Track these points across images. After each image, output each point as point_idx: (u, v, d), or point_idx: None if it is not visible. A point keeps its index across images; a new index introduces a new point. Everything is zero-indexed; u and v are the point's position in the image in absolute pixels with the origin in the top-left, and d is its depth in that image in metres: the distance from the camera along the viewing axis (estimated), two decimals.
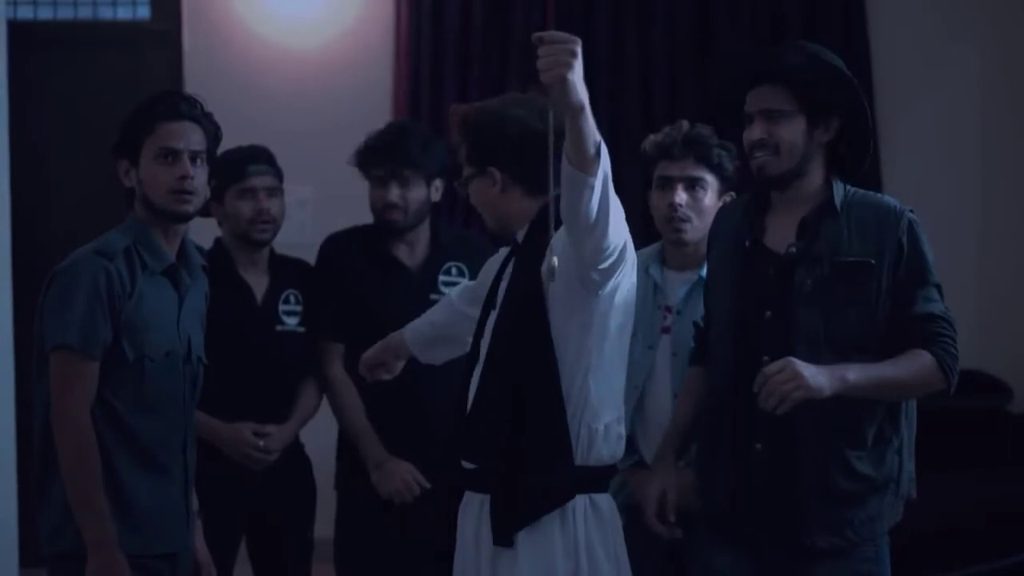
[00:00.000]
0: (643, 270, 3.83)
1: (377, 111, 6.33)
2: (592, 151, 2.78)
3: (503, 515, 3.10)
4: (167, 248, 3.42)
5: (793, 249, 3.23)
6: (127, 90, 6.34)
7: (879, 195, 3.32)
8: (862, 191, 3.30)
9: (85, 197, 6.30)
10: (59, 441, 3.27)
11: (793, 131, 3.22)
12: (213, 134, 3.48)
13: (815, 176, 3.27)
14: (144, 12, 6.68)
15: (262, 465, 4.19)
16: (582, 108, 2.74)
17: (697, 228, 3.79)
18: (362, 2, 6.57)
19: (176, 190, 3.37)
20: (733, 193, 3.87)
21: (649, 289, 3.85)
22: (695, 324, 3.58)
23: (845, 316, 3.17)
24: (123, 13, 6.71)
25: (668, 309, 3.85)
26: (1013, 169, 6.57)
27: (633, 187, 6.18)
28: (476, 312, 3.34)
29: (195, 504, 3.56)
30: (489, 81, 6.38)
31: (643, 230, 5.52)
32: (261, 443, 4.18)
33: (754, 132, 3.24)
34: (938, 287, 3.22)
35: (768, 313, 3.22)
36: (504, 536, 3.10)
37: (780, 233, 3.28)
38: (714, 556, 3.37)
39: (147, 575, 3.35)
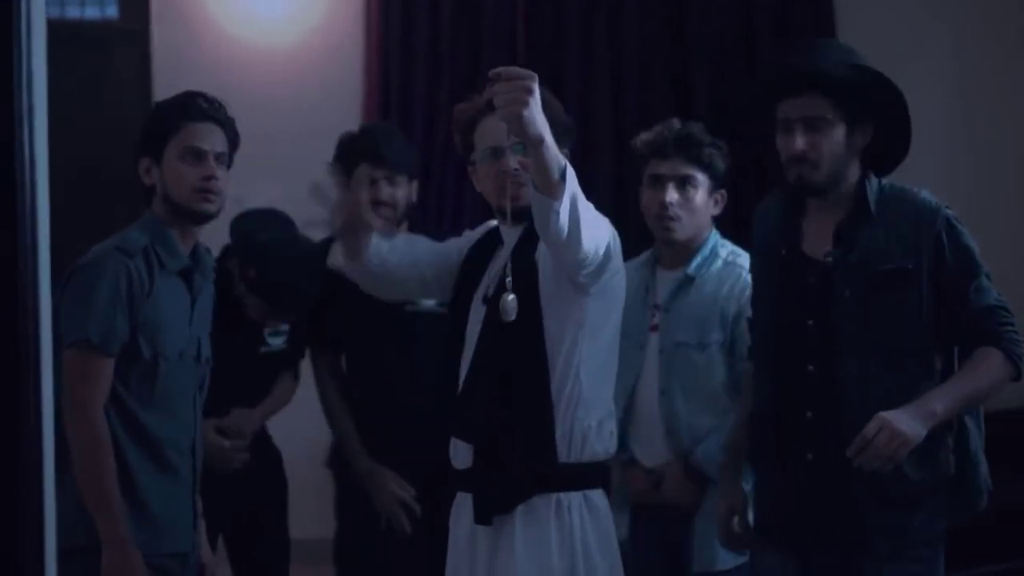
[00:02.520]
0: (635, 271, 3.85)
1: (348, 109, 6.34)
2: (556, 177, 2.81)
3: (486, 495, 3.14)
4: (183, 248, 3.45)
5: (830, 259, 3.21)
6: (96, 89, 6.33)
7: (914, 191, 3.26)
8: (898, 186, 3.27)
9: (54, 196, 6.26)
10: (73, 437, 3.27)
11: (835, 140, 3.19)
12: (233, 138, 3.52)
13: (851, 178, 3.25)
14: (112, 11, 6.66)
15: (234, 463, 4.18)
16: (541, 141, 2.76)
17: (687, 226, 3.82)
18: (332, 0, 6.56)
19: (201, 189, 3.41)
20: (724, 191, 3.89)
21: (640, 289, 3.86)
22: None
23: (889, 324, 3.15)
24: (91, 12, 6.68)
25: (656, 307, 3.87)
26: (984, 167, 6.61)
27: (604, 188, 6.22)
28: (432, 278, 3.41)
29: (199, 505, 3.57)
30: (459, 78, 6.38)
31: (616, 226, 5.59)
32: (227, 443, 4.16)
33: (796, 143, 3.19)
34: (987, 275, 3.21)
35: (811, 322, 3.21)
36: (483, 515, 3.13)
37: (817, 239, 3.26)
38: (758, 560, 3.39)
39: (159, 574, 3.36)
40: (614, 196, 6.16)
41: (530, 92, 2.72)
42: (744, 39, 6.41)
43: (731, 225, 4.07)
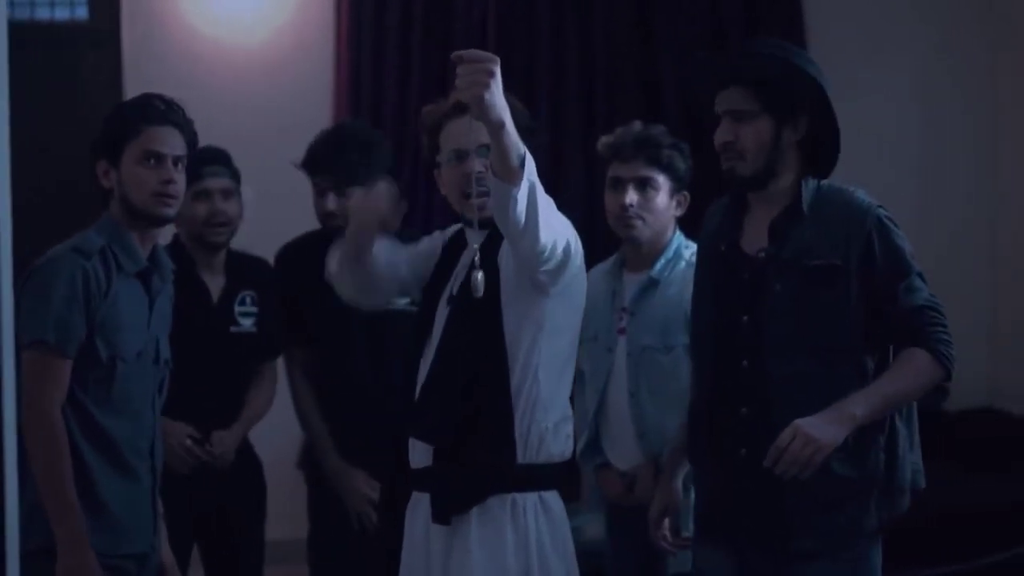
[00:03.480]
0: (603, 275, 3.87)
1: (319, 107, 6.35)
2: (515, 163, 2.84)
3: (445, 494, 3.15)
4: (141, 250, 3.44)
5: (763, 254, 3.22)
6: (66, 91, 6.32)
7: (850, 191, 3.26)
8: (835, 187, 3.27)
9: (24, 198, 6.24)
10: (30, 437, 3.28)
11: (759, 132, 3.19)
12: (191, 140, 3.51)
13: (787, 176, 3.24)
14: (82, 12, 6.63)
15: (218, 465, 4.18)
16: (502, 125, 2.79)
17: (648, 227, 3.84)
18: None
19: (159, 193, 3.41)
20: (687, 192, 3.91)
21: (608, 293, 3.88)
22: (685, 316, 3.59)
23: (817, 319, 3.15)
24: (60, 13, 6.66)
25: (624, 310, 3.89)
26: (950, 168, 6.67)
27: (574, 191, 6.24)
28: (410, 279, 3.40)
29: (160, 507, 3.57)
30: (430, 77, 6.38)
31: (587, 227, 5.61)
32: (195, 448, 4.14)
33: (722, 133, 3.23)
34: (920, 275, 3.20)
35: (745, 318, 3.21)
36: (442, 514, 3.14)
37: (755, 236, 3.27)
38: (698, 556, 3.40)
39: (116, 575, 3.36)
40: (584, 197, 6.18)
41: (491, 75, 2.75)
42: (714, 41, 6.43)
43: (695, 227, 4.09)
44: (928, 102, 6.65)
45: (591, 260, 3.96)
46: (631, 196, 3.82)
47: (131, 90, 6.28)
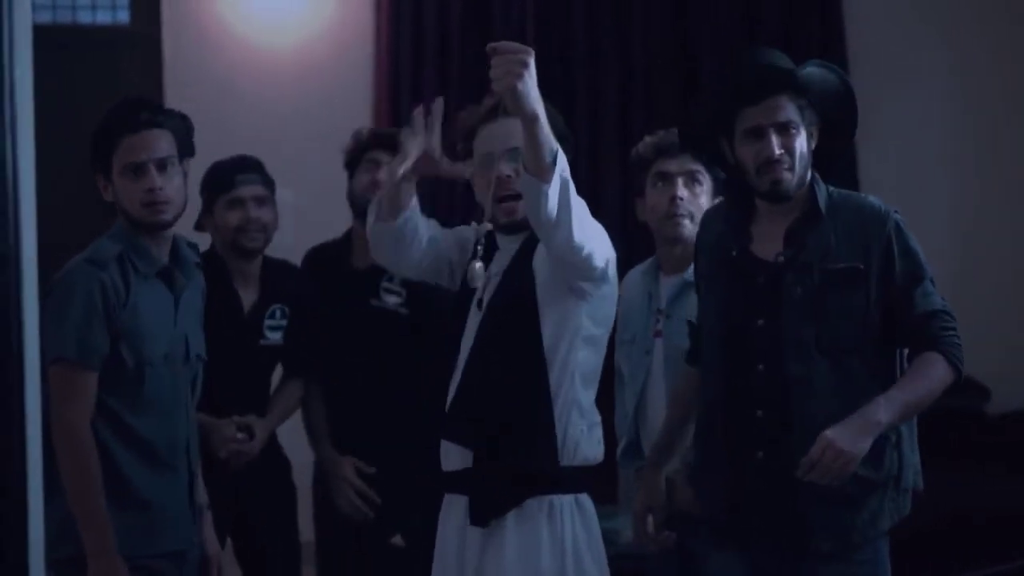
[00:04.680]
0: (639, 277, 3.87)
1: (358, 111, 6.34)
2: (548, 159, 2.85)
3: (484, 496, 3.15)
4: (157, 251, 3.44)
5: (782, 258, 3.22)
6: (108, 94, 6.31)
7: (862, 195, 3.29)
8: (844, 191, 3.30)
9: (65, 203, 6.28)
10: (59, 451, 3.29)
11: (804, 144, 3.20)
12: (182, 131, 3.47)
13: (807, 181, 3.27)
14: (124, 16, 6.68)
15: (244, 459, 4.18)
16: (536, 117, 2.81)
17: (695, 225, 3.83)
18: (342, 1, 6.58)
19: (147, 202, 3.38)
20: (723, 197, 3.90)
21: (645, 295, 3.88)
22: (689, 323, 3.57)
23: (836, 322, 3.17)
24: (103, 17, 6.71)
25: (660, 312, 3.88)
26: (989, 165, 6.62)
27: (612, 193, 6.24)
28: (445, 261, 3.35)
29: (204, 497, 3.58)
30: (469, 80, 6.39)
31: (624, 228, 5.59)
32: (240, 435, 4.15)
33: (771, 147, 3.17)
34: (932, 280, 3.23)
35: (760, 321, 3.22)
36: (480, 516, 3.15)
37: (767, 241, 3.27)
38: (711, 559, 3.38)
39: (154, 574, 3.39)
40: (621, 199, 6.17)
41: (525, 65, 2.77)
42: (752, 42, 6.41)
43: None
44: (968, 110, 6.61)
45: (629, 262, 3.98)
46: (681, 190, 3.81)
47: (172, 93, 6.33)
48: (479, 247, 3.07)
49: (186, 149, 3.48)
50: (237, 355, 4.18)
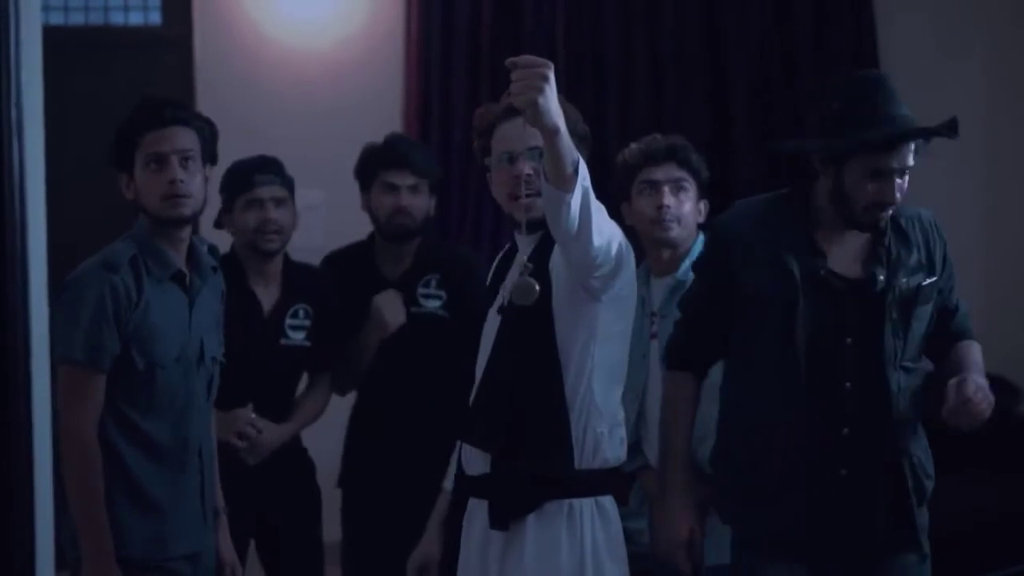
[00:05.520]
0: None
1: (388, 113, 6.37)
2: (569, 170, 2.83)
3: (503, 500, 3.15)
4: (173, 254, 3.44)
5: (881, 279, 3.23)
6: (139, 96, 6.36)
7: (910, 207, 3.34)
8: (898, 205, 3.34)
9: (96, 203, 6.30)
10: (64, 454, 3.30)
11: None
12: (206, 132, 3.48)
13: None
14: (155, 17, 6.71)
15: (253, 458, 4.18)
16: (557, 131, 2.79)
17: (683, 229, 3.87)
18: (373, 3, 6.59)
19: (167, 195, 3.38)
20: (707, 201, 3.93)
21: (637, 300, 3.88)
22: (675, 325, 3.56)
23: (916, 334, 3.27)
24: (135, 18, 6.74)
25: (654, 315, 3.91)
26: (1022, 167, 6.60)
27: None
28: None
29: (221, 501, 3.58)
30: (500, 82, 6.35)
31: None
32: (251, 428, 4.15)
33: (892, 192, 3.19)
34: None
35: (849, 340, 3.24)
36: (500, 520, 3.15)
37: (846, 257, 3.28)
38: (767, 572, 3.36)
39: None
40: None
41: (545, 79, 2.75)
42: (783, 55, 6.46)
43: None
44: (999, 121, 6.59)
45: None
46: (668, 197, 3.85)
47: (203, 94, 6.36)
48: (527, 266, 3.07)
49: (209, 153, 3.50)
50: (258, 355, 4.18)
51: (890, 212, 3.23)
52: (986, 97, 6.58)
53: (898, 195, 3.21)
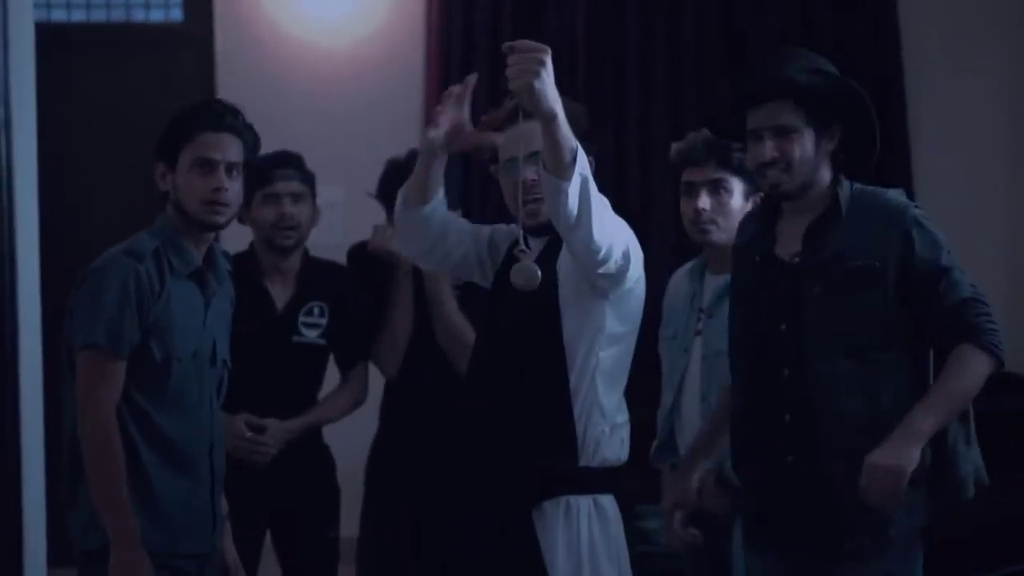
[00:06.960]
0: (685, 275, 3.87)
1: (409, 111, 6.39)
2: (568, 158, 2.84)
3: (506, 497, 3.14)
4: (195, 252, 3.45)
5: (797, 259, 3.24)
6: (160, 92, 6.40)
7: (884, 191, 3.28)
8: (870, 189, 3.30)
9: (116, 199, 6.33)
10: (83, 437, 3.31)
11: (804, 146, 3.22)
12: (252, 145, 3.50)
13: (823, 181, 3.28)
14: (176, 14, 6.74)
15: (260, 459, 4.17)
16: (553, 116, 2.80)
17: (724, 230, 3.82)
18: (393, 1, 6.60)
19: (209, 201, 3.39)
20: (762, 194, 3.89)
21: (689, 294, 3.88)
22: None
23: (855, 320, 3.19)
24: (156, 15, 6.77)
25: (702, 312, 3.88)
26: None
27: (664, 191, 6.21)
28: (474, 259, 3.34)
29: (225, 507, 3.59)
30: None
31: (674, 235, 5.57)
32: (248, 434, 4.15)
33: (765, 151, 3.22)
34: (959, 269, 3.21)
35: (783, 326, 3.24)
36: (502, 515, 3.14)
37: (789, 241, 3.29)
38: (748, 561, 3.41)
39: (173, 575, 3.38)
40: (674, 196, 6.14)
41: (542, 64, 2.76)
42: (804, 42, 6.36)
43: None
44: (1018, 107, 6.57)
45: (682, 261, 4.03)
46: (703, 201, 3.82)
47: (223, 91, 6.36)
48: (524, 245, 3.04)
49: (249, 165, 3.51)
50: (269, 352, 4.19)
51: (785, 175, 3.21)
52: (1008, 98, 6.56)
53: (770, 154, 3.20)
